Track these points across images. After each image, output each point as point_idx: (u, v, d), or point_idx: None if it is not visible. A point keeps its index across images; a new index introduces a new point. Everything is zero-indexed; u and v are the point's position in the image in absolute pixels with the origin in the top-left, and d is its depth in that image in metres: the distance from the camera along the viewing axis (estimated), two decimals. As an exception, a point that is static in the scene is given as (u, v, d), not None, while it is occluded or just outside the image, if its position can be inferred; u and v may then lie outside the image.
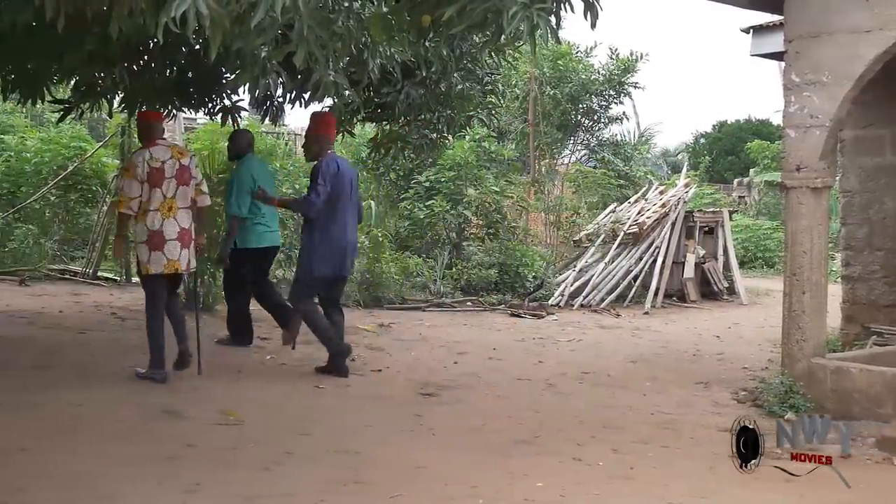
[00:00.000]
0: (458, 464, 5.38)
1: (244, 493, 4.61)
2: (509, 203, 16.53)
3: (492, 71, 10.22)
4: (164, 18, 4.22)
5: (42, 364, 7.48)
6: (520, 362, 9.16)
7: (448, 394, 7.47)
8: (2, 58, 8.84)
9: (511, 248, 14.99)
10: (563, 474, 5.27)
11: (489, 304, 13.72)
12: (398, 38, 6.31)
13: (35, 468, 4.78)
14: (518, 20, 4.43)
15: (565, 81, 19.63)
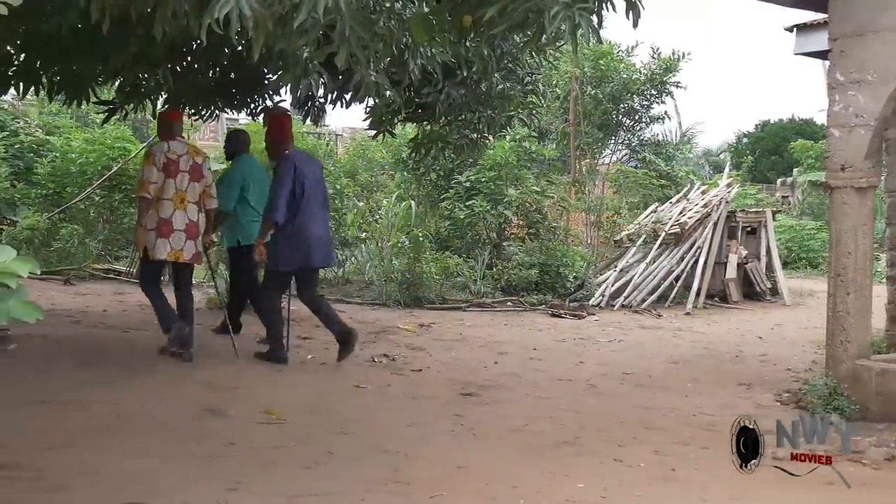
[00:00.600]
0: (499, 464, 5.38)
1: (285, 491, 4.63)
2: (550, 203, 16.47)
3: (532, 71, 10.19)
4: (208, 20, 4.25)
5: (86, 362, 7.56)
6: (560, 363, 9.13)
7: (488, 394, 7.47)
8: (48, 59, 8.96)
9: (552, 248, 14.94)
10: (604, 475, 5.24)
11: (529, 304, 13.68)
12: (439, 39, 6.31)
13: (80, 465, 4.83)
14: (560, 20, 4.42)
15: (606, 81, 19.53)
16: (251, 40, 4.70)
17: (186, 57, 9.28)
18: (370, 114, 8.93)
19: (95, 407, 6.13)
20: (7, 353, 7.65)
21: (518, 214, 15.67)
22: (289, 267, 8.15)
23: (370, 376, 7.88)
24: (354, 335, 8.39)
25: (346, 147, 21.92)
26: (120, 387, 6.75)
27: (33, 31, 7.74)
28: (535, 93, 10.77)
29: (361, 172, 18.66)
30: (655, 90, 20.07)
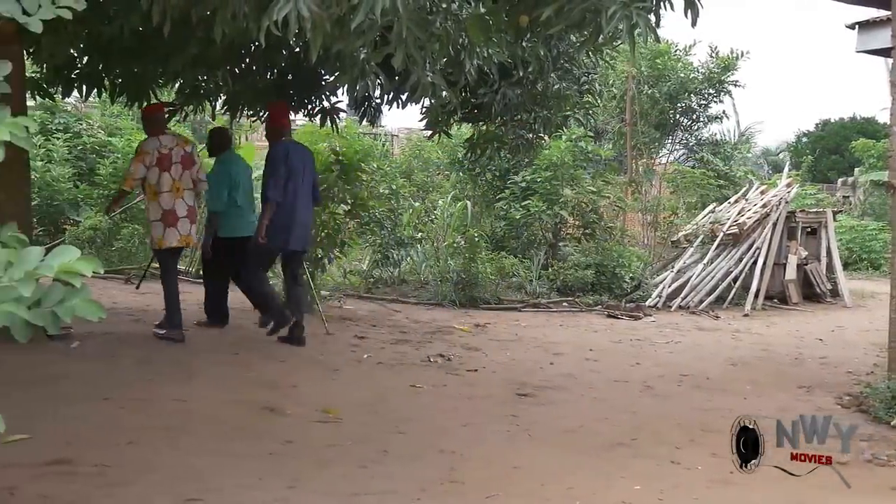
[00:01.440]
0: (555, 464, 5.37)
1: (342, 490, 4.66)
2: (606, 203, 16.41)
3: (589, 70, 10.16)
4: (267, 22, 4.30)
5: (147, 360, 7.66)
6: (617, 364, 9.09)
7: (544, 394, 7.45)
8: (110, 62, 9.11)
9: (608, 249, 14.88)
10: (660, 477, 5.21)
11: (585, 304, 13.65)
12: (496, 39, 6.32)
13: (142, 461, 4.89)
14: (617, 19, 4.41)
15: (663, 80, 19.39)
16: (309, 42, 4.75)
17: (245, 58, 9.38)
18: (426, 114, 8.95)
19: (156, 404, 6.21)
20: (70, 350, 7.77)
21: (574, 215, 15.62)
22: (274, 245, 8.68)
23: (426, 376, 7.90)
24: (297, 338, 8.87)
25: (402, 147, 21.99)
26: (180, 385, 6.83)
27: (96, 35, 7.87)
28: (592, 92, 10.73)
29: (417, 173, 18.71)
30: (713, 89, 19.87)
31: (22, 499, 4.15)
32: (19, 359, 6.89)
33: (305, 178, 8.81)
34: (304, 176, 8.79)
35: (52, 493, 4.24)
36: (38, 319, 2.23)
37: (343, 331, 10.15)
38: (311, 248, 9.65)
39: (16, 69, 2.78)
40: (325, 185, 11.23)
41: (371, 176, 13.03)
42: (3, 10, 2.62)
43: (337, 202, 11.49)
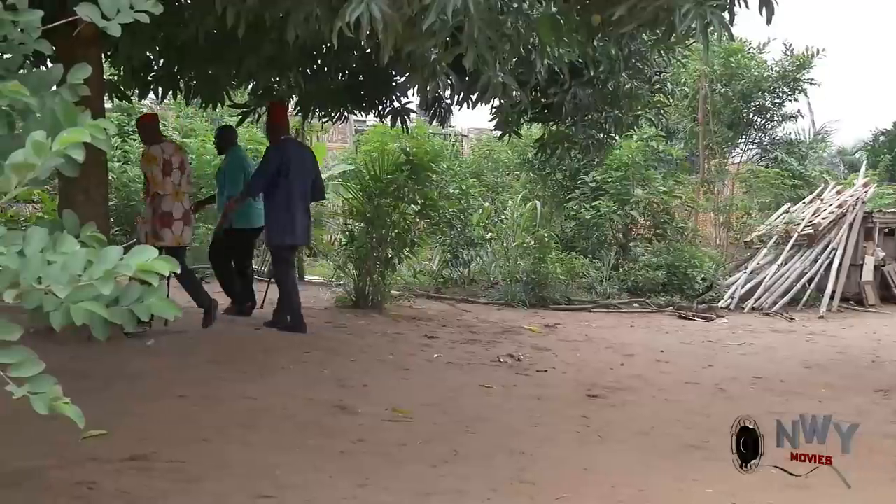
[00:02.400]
0: (626, 467, 5.33)
1: (413, 489, 4.67)
2: (678, 203, 16.27)
3: (661, 69, 10.07)
4: (339, 23, 4.33)
5: (220, 358, 7.75)
6: (688, 365, 9.00)
7: (615, 396, 7.40)
8: (185, 64, 9.25)
9: (679, 250, 14.75)
10: (733, 480, 5.13)
11: (656, 305, 13.55)
12: (567, 39, 6.29)
13: (216, 458, 4.96)
14: (691, 18, 4.36)
15: (737, 79, 19.12)
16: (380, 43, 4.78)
17: (317, 60, 9.47)
18: (496, 114, 8.95)
19: (229, 402, 6.28)
20: (146, 348, 7.90)
21: (645, 215, 15.51)
22: (273, 243, 9.31)
23: (495, 376, 7.90)
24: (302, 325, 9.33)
25: (472, 147, 22.00)
26: (253, 383, 6.91)
27: (172, 37, 8.00)
28: (663, 92, 10.64)
29: (487, 173, 18.72)
30: (788, 87, 19.55)
31: (101, 493, 4.23)
32: (97, 356, 7.03)
33: (304, 176, 9.22)
34: (303, 174, 9.20)
35: (130, 488, 4.32)
36: (117, 317, 2.27)
37: (413, 330, 10.18)
38: (308, 244, 10.34)
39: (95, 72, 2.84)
40: (395, 186, 11.30)
41: (441, 176, 13.08)
42: (83, 15, 2.67)
43: (407, 202, 11.54)
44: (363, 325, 10.32)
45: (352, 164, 16.24)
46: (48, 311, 2.20)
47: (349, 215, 12.43)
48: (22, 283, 2.14)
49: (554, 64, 7.41)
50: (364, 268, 11.50)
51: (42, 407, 2.17)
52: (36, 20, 2.74)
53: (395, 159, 11.72)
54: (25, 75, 2.73)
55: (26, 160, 2.08)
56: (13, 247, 2.19)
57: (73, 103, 2.53)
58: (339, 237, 15.93)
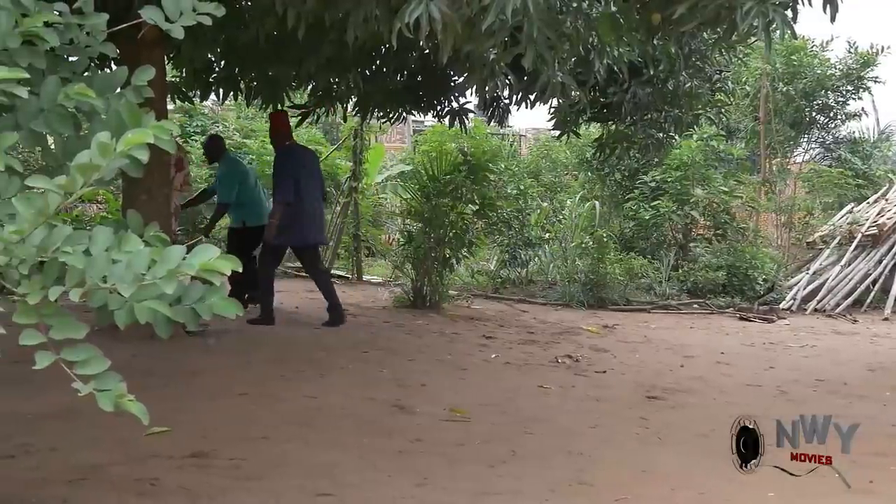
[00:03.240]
0: (686, 469, 5.28)
1: (471, 489, 4.67)
2: (738, 203, 16.09)
3: (721, 68, 9.96)
4: (398, 24, 4.35)
5: (280, 357, 7.83)
6: (749, 367, 8.89)
7: (674, 397, 7.34)
8: (246, 66, 9.34)
9: (740, 250, 14.58)
10: (795, 484, 5.06)
11: (717, 306, 13.42)
12: (626, 38, 6.26)
13: (275, 456, 5.00)
14: (753, 16, 4.31)
15: (799, 77, 18.83)
16: (439, 43, 4.79)
17: (376, 61, 9.51)
18: (555, 114, 8.93)
19: (289, 400, 6.34)
20: (207, 346, 7.99)
21: (705, 215, 15.35)
22: (283, 241, 9.50)
23: (554, 377, 7.87)
24: (343, 316, 9.68)
25: (530, 147, 21.95)
26: (312, 382, 6.96)
27: (233, 39, 8.08)
28: (724, 90, 10.53)
29: (545, 173, 18.66)
30: (852, 86, 19.22)
31: (163, 489, 4.29)
32: (159, 354, 7.14)
33: (313, 177, 9.62)
34: (312, 175, 9.59)
35: (191, 485, 4.37)
36: (179, 316, 2.30)
37: (471, 330, 10.19)
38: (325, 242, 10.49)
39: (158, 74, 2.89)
40: (453, 186, 11.31)
41: (499, 176, 13.08)
42: (147, 17, 2.71)
43: (465, 202, 11.54)
44: (421, 324, 10.35)
45: (410, 165, 16.28)
46: (113, 309, 2.24)
47: (407, 215, 12.46)
48: (88, 281, 2.18)
49: (613, 63, 7.37)
50: (422, 268, 11.53)
51: (108, 404, 2.21)
52: (101, 23, 2.79)
53: (454, 159, 11.73)
54: (91, 77, 2.78)
55: (92, 161, 2.12)
56: (79, 246, 2.23)
57: (138, 105, 2.57)
58: (397, 237, 15.99)
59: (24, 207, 2.17)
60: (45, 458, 4.67)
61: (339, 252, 15.31)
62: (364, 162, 15.17)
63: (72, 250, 2.20)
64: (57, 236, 2.22)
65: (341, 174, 15.89)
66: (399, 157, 19.66)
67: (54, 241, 2.21)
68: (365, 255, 15.82)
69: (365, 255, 15.85)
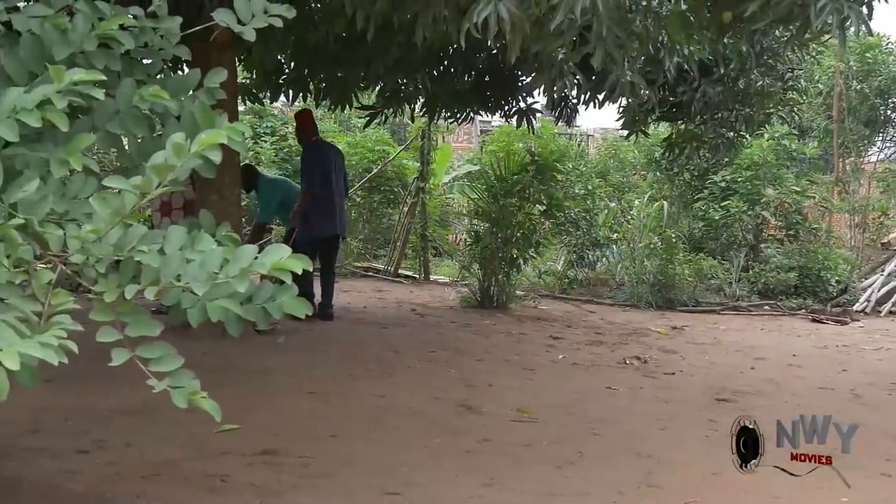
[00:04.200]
0: (757, 472, 5.21)
1: (538, 489, 4.66)
2: (810, 203, 15.84)
3: (793, 66, 9.82)
4: (467, 24, 4.35)
5: (348, 356, 7.88)
6: (822, 370, 8.74)
7: (745, 400, 7.24)
8: (315, 67, 9.43)
9: (812, 251, 14.36)
10: (870, 489, 4.98)
11: (788, 308, 13.23)
12: (697, 36, 6.19)
13: (343, 454, 5.03)
14: (827, 12, 4.24)
15: (874, 75, 18.50)
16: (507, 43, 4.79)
17: (444, 61, 9.54)
18: (623, 113, 8.88)
19: (357, 399, 6.38)
20: (277, 345, 8.08)
21: (776, 215, 15.14)
22: (322, 233, 9.65)
23: (622, 378, 7.82)
24: (331, 316, 9.83)
25: (598, 147, 21.85)
26: (380, 381, 7.00)
27: (302, 41, 8.16)
28: (796, 89, 10.37)
29: (613, 173, 18.57)
30: (928, 83, 18.85)
31: (233, 486, 4.34)
32: (230, 352, 7.23)
33: (337, 172, 9.85)
34: (336, 170, 9.82)
35: (261, 482, 4.42)
36: (251, 315, 2.33)
37: (538, 331, 10.17)
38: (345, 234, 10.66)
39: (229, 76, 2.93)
40: (520, 186, 11.30)
41: (566, 176, 13.04)
42: (219, 20, 2.75)
43: (532, 202, 11.53)
44: (488, 324, 10.35)
45: (477, 165, 16.30)
46: (186, 308, 2.27)
47: (474, 215, 12.48)
48: (162, 280, 2.21)
49: (683, 62, 7.30)
50: (489, 268, 11.54)
51: (181, 401, 2.24)
52: (175, 26, 2.84)
53: (521, 159, 11.72)
54: (164, 80, 2.82)
55: (167, 161, 2.15)
56: (154, 245, 2.27)
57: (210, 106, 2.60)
58: (464, 237, 16.01)
59: (101, 207, 2.21)
60: (119, 454, 4.75)
61: (406, 252, 15.37)
62: (431, 162, 15.22)
63: (147, 249, 2.24)
64: (132, 235, 2.27)
65: (409, 174, 15.96)
66: (466, 158, 19.70)
67: (130, 240, 2.26)
68: (432, 255, 15.88)
69: (432, 255, 15.90)
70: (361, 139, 16.63)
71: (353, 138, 17.16)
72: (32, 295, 2.15)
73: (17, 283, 2.13)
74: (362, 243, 15.86)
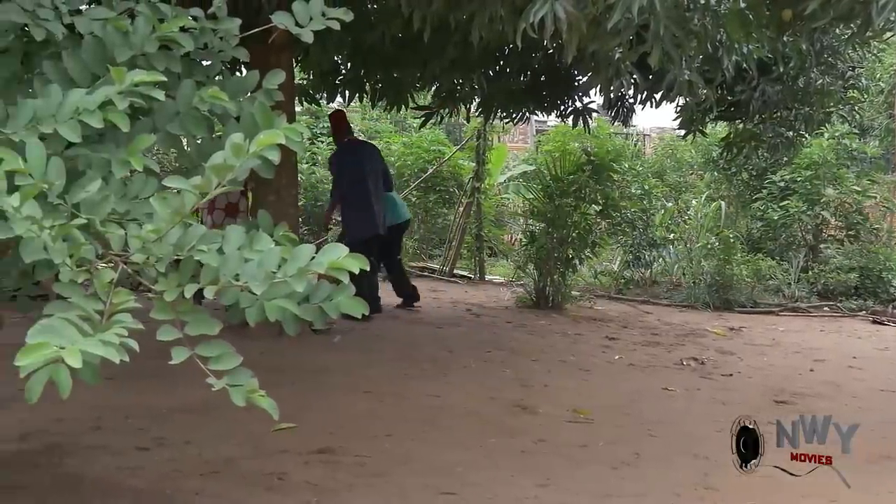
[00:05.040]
0: (816, 475, 5.13)
1: (594, 490, 4.64)
2: (872, 203, 15.59)
3: (854, 64, 9.67)
4: (523, 24, 4.34)
5: (403, 356, 7.90)
6: (883, 373, 8.60)
7: (804, 402, 7.15)
8: (371, 68, 9.47)
9: (873, 252, 14.13)
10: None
11: (848, 309, 13.03)
12: (755, 34, 6.12)
13: (399, 453, 5.05)
14: (889, 10, 4.17)
15: (939, 72, 18.21)
16: (564, 43, 4.77)
17: (499, 61, 9.53)
18: (681, 113, 8.80)
19: (412, 399, 6.39)
20: (333, 344, 8.13)
21: (836, 215, 14.92)
22: (359, 235, 9.46)
23: (678, 379, 7.76)
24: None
25: (654, 147, 21.71)
26: (435, 380, 7.01)
27: (359, 42, 8.19)
28: (857, 87, 10.22)
29: (669, 172, 18.44)
30: None
31: (290, 484, 4.38)
32: (287, 351, 7.29)
33: (371, 169, 9.82)
34: (369, 168, 9.81)
35: (318, 480, 4.45)
36: (308, 314, 2.34)
37: (593, 331, 10.12)
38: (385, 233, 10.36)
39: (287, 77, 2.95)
40: (576, 186, 11.26)
41: (622, 176, 12.97)
42: (278, 22, 2.78)
43: (588, 202, 11.48)
44: (543, 325, 10.32)
45: (532, 165, 16.27)
46: (244, 307, 2.30)
47: (530, 215, 12.46)
48: (221, 279, 2.24)
49: (741, 60, 7.23)
50: (544, 268, 11.51)
51: (239, 399, 2.27)
52: (234, 28, 2.87)
53: (577, 159, 11.68)
54: (223, 81, 2.85)
55: (226, 162, 2.18)
56: (213, 245, 2.29)
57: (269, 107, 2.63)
58: (519, 237, 15.99)
59: (161, 207, 2.24)
60: (179, 451, 4.81)
61: (461, 252, 15.38)
62: (487, 162, 15.22)
63: (206, 249, 2.26)
64: (192, 235, 2.29)
65: (464, 174, 15.97)
66: (521, 157, 19.66)
67: (189, 239, 2.28)
68: (487, 255, 15.88)
69: (487, 255, 15.90)
70: (417, 139, 16.67)
71: (408, 138, 17.21)
72: (94, 294, 2.18)
73: (79, 282, 2.16)
74: (417, 243, 15.91)
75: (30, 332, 1.89)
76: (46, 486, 4.20)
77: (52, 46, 2.62)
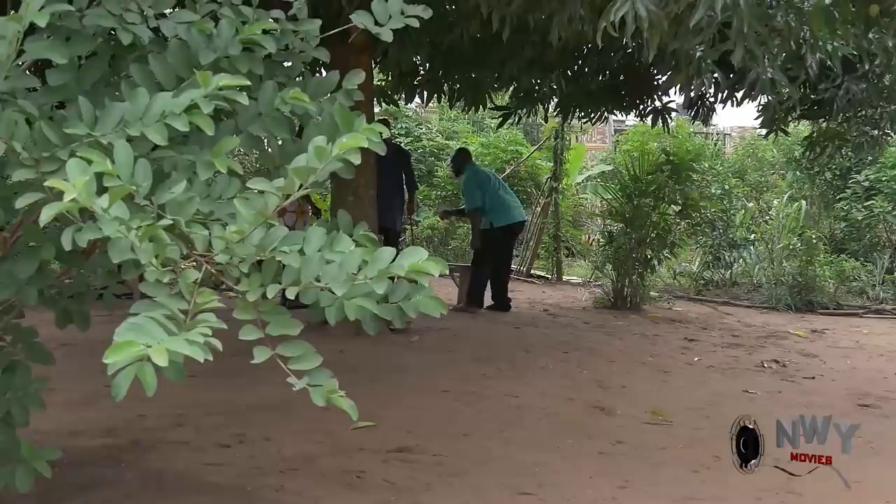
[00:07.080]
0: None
1: (673, 493, 4.59)
2: (962, 203, 15.22)
3: (943, 61, 9.44)
4: (604, 23, 4.31)
5: (481, 356, 7.90)
6: (974, 377, 8.39)
7: (889, 406, 6.99)
8: (450, 68, 9.49)
9: (964, 253, 13.82)
10: None
11: (937, 312, 12.73)
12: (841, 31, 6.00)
13: (477, 453, 5.05)
14: (981, 5, 4.06)
15: None
16: (644, 41, 4.72)
17: (578, 61, 9.48)
18: (763, 112, 8.67)
19: (490, 399, 6.39)
20: (412, 343, 8.17)
21: (923, 215, 14.61)
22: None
23: (759, 381, 7.65)
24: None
25: (735, 146, 21.44)
26: (513, 381, 7.00)
27: (437, 43, 8.21)
28: (946, 85, 9.97)
29: (750, 172, 18.20)
30: None
31: (369, 482, 4.41)
32: (365, 351, 7.34)
33: (391, 170, 9.89)
34: (391, 169, 9.78)
35: (396, 478, 4.47)
36: (387, 314, 2.35)
37: (672, 332, 10.02)
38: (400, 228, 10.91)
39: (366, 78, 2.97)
40: (655, 186, 11.17)
41: (702, 176, 12.82)
42: (357, 22, 2.79)
43: (667, 202, 11.38)
44: (621, 325, 10.25)
45: (611, 165, 16.19)
46: (324, 306, 2.31)
47: (608, 216, 12.40)
48: (302, 280, 2.25)
49: (826, 58, 7.09)
50: (623, 268, 11.45)
51: (320, 399, 2.28)
52: (315, 29, 2.89)
53: (656, 159, 11.60)
54: (304, 82, 2.87)
55: (308, 164, 2.19)
56: (294, 246, 2.31)
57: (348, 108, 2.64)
58: (597, 237, 15.91)
59: (244, 208, 2.27)
60: (259, 449, 4.87)
61: (538, 252, 15.34)
62: (565, 162, 15.18)
63: (288, 250, 2.28)
64: (274, 236, 2.32)
65: (542, 174, 15.94)
66: (600, 157, 19.57)
67: (272, 240, 2.31)
68: (565, 256, 15.82)
69: (565, 255, 15.85)
70: (494, 139, 16.69)
71: (486, 139, 17.23)
72: (179, 293, 2.21)
73: (165, 282, 2.20)
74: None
75: (117, 330, 1.92)
76: (130, 481, 4.28)
77: (138, 50, 2.66)
